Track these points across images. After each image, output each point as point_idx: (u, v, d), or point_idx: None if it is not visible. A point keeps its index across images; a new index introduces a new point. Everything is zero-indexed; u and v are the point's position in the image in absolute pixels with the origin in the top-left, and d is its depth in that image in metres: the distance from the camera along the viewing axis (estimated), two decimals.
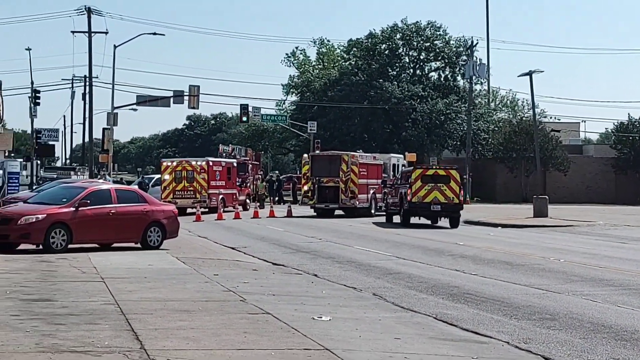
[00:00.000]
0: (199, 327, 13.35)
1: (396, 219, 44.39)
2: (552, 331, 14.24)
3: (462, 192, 42.42)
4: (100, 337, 12.22)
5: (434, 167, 46.13)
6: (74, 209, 25.57)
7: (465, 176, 67.16)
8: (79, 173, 78.04)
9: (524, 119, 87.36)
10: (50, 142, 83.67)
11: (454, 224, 41.79)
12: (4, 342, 11.74)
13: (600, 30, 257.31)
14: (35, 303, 15.41)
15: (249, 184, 63.59)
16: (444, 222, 42.59)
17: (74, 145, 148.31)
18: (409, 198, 41.74)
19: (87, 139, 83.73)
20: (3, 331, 12.61)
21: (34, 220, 24.96)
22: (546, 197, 52.47)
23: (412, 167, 45.74)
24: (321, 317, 14.65)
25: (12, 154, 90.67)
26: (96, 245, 26.69)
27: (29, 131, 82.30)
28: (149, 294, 16.82)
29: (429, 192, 41.42)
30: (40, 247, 25.22)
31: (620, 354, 12.54)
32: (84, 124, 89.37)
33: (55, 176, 73.04)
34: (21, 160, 67.69)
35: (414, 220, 43.15)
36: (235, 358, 11.14)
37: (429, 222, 43.42)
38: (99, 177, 65.71)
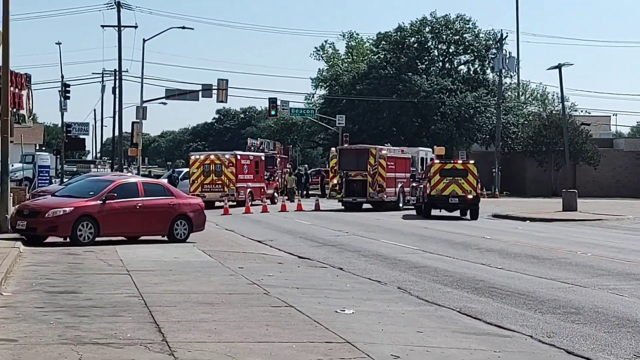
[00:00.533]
0: (222, 319, 13.37)
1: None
2: (577, 325, 14.15)
3: (479, 185, 43.85)
4: (122, 329, 12.27)
5: (452, 161, 47.17)
6: (101, 202, 25.69)
7: (493, 169, 66.95)
8: (99, 166, 78.44)
9: (553, 112, 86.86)
10: (81, 136, 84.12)
11: (474, 215, 43.22)
12: (27, 334, 11.82)
13: (631, 23, 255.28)
14: (60, 295, 15.50)
15: (277, 178, 63.67)
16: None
17: (104, 139, 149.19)
18: (428, 191, 43.71)
19: (116, 133, 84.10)
20: (27, 323, 12.70)
21: (61, 213, 25.10)
22: (575, 190, 52.19)
23: (432, 162, 47.15)
24: (344, 311, 14.64)
25: (44, 148, 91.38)
26: (123, 239, 26.81)
27: (60, 125, 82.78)
28: (173, 287, 16.88)
29: (447, 186, 43.20)
30: (68, 240, 25.36)
31: None
32: (113, 117, 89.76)
33: (75, 169, 73.59)
34: (50, 154, 68.08)
35: (439, 213, 44.10)
36: (257, 350, 11.15)
37: (455, 214, 44.40)
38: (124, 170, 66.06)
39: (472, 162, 46.06)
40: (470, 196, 43.07)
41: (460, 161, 47.59)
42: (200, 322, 13.04)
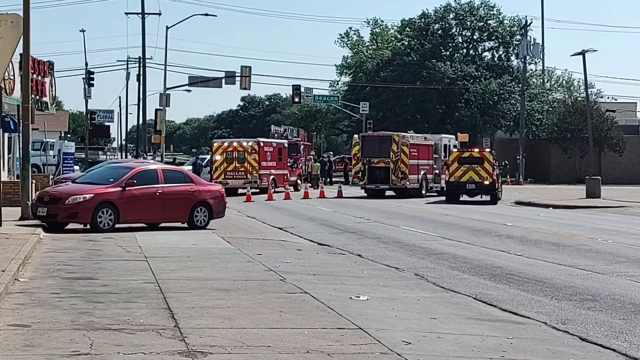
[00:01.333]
0: (236, 306, 13.40)
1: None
2: (592, 312, 14.09)
3: (495, 171, 45.88)
4: (136, 315, 12.32)
5: (469, 150, 49.41)
6: (120, 188, 25.79)
7: (517, 157, 66.71)
8: (107, 153, 78.79)
9: (578, 99, 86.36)
10: (106, 123, 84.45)
11: (493, 200, 45.70)
12: (40, 320, 11.90)
13: None
14: (77, 281, 15.58)
15: (300, 165, 63.69)
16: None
17: (129, 127, 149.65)
18: (447, 178, 47.19)
19: (141, 120, 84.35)
20: (41, 308, 12.78)
21: (81, 200, 25.21)
22: (599, 177, 51.89)
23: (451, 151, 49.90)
24: (359, 297, 14.64)
25: (69, 135, 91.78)
26: (143, 225, 26.90)
27: (85, 112, 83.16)
28: (189, 273, 16.93)
29: (464, 173, 45.74)
30: (88, 226, 25.49)
31: None
32: (138, 105, 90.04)
33: (84, 156, 73.97)
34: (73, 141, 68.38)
35: (463, 198, 45.41)
36: (268, 337, 11.16)
37: (476, 199, 46.57)
38: (141, 157, 66.23)
39: (488, 150, 48.97)
40: (486, 182, 45.38)
41: (477, 149, 49.52)
42: (214, 309, 13.07)
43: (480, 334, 12.10)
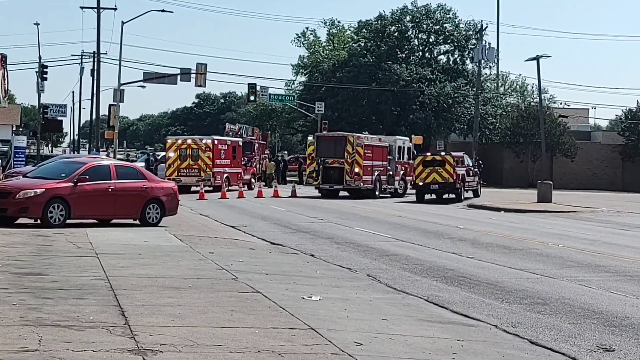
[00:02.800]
0: (187, 304, 13.31)
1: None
2: (542, 316, 14.18)
3: (456, 172, 50.18)
4: (85, 312, 12.19)
5: (432, 154, 53.42)
6: (72, 184, 25.56)
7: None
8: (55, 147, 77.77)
9: (532, 104, 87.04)
10: (59, 118, 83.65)
11: (458, 198, 50.44)
12: None
13: (611, 16, 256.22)
14: (26, 277, 15.39)
15: (254, 163, 63.57)
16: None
17: (82, 122, 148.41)
18: (413, 180, 51.42)
19: (94, 116, 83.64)
20: None
21: (32, 194, 24.95)
22: (550, 182, 52.36)
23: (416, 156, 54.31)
24: (311, 297, 14.61)
25: (21, 129, 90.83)
26: (95, 221, 26.68)
27: (37, 106, 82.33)
28: (140, 271, 16.80)
29: (428, 175, 50.05)
30: (39, 221, 25.23)
31: (608, 339, 12.48)
32: (91, 100, 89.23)
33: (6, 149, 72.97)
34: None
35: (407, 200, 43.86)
36: (219, 335, 11.09)
37: (445, 198, 51.19)
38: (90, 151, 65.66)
39: (450, 153, 53.26)
40: (449, 182, 49.87)
41: (439, 154, 53.17)
42: (165, 307, 12.97)
43: (432, 335, 12.13)
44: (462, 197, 50.80)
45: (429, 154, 53.39)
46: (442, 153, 53.54)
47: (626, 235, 30.42)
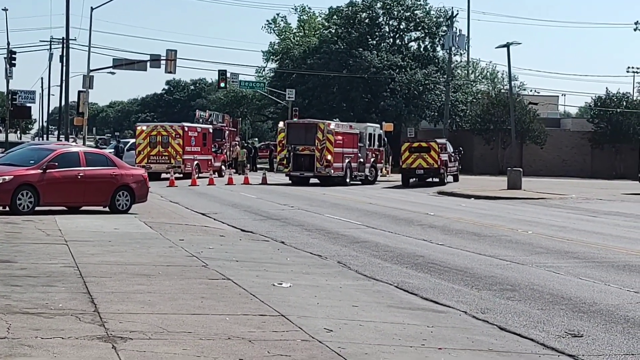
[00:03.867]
0: (157, 291, 13.29)
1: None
2: (511, 302, 14.25)
3: (440, 158, 53.44)
4: (55, 300, 12.14)
5: (418, 141, 57.90)
6: (41, 171, 25.41)
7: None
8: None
9: (502, 91, 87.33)
10: (27, 104, 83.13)
11: (442, 181, 53.97)
12: None
13: (581, 4, 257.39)
14: None
15: (225, 151, 63.45)
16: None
17: (51, 108, 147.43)
18: (400, 165, 54.58)
19: (63, 102, 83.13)
20: None
21: (0, 181, 24.77)
22: (520, 169, 52.60)
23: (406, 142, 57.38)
24: (281, 284, 14.62)
25: None
26: (64, 208, 26.54)
27: (5, 92, 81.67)
28: (110, 258, 16.74)
29: (414, 160, 53.28)
30: (7, 208, 25.06)
31: (576, 325, 12.56)
32: (60, 86, 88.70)
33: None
34: None
35: (388, 186, 43.92)
36: (189, 322, 11.08)
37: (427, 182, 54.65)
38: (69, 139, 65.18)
39: (436, 140, 56.47)
40: (434, 167, 53.34)
41: (424, 141, 57.39)
42: (135, 294, 12.93)
43: (401, 322, 12.17)
44: (445, 181, 54.30)
45: (416, 141, 57.44)
46: (430, 140, 56.59)
47: (595, 221, 30.62)
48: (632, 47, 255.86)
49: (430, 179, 54.58)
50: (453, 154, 58.86)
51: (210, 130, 57.61)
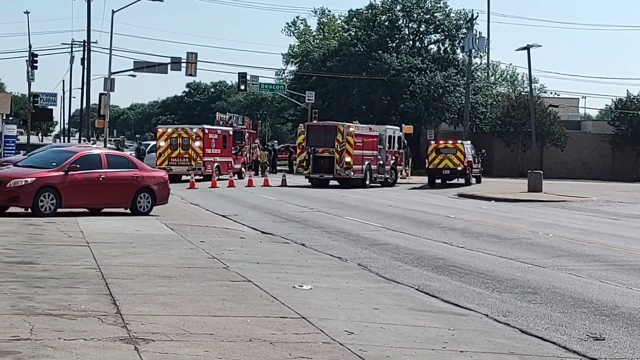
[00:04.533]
0: (178, 293, 13.33)
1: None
2: (533, 305, 14.22)
3: (466, 159, 55.03)
4: (77, 301, 12.20)
5: (445, 141, 57.94)
6: (63, 173, 25.53)
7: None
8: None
9: (522, 93, 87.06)
10: (49, 107, 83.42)
11: (467, 182, 55.74)
12: None
13: (602, 6, 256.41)
14: (17, 266, 15.39)
15: (245, 153, 63.54)
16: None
17: (72, 110, 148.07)
18: (426, 165, 56.28)
19: (84, 105, 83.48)
20: None
21: (22, 183, 24.92)
22: (541, 172, 52.41)
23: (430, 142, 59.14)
24: (302, 286, 14.64)
25: (11, 118, 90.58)
26: (85, 210, 26.66)
27: (27, 95, 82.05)
28: (132, 259, 16.80)
29: (441, 161, 55.04)
30: (29, 210, 25.19)
31: (598, 328, 12.53)
32: (82, 89, 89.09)
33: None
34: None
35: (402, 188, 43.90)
36: (211, 324, 11.12)
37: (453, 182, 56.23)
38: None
39: (460, 141, 57.70)
40: (459, 168, 54.90)
41: (450, 141, 57.81)
42: (157, 295, 12.98)
43: (423, 325, 12.17)
44: (470, 182, 55.97)
45: (442, 141, 57.94)
46: (457, 141, 57.73)
47: (616, 224, 30.52)
48: None
49: (456, 180, 56.21)
50: (476, 156, 60.17)
51: (231, 133, 57.71)
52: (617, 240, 24.37)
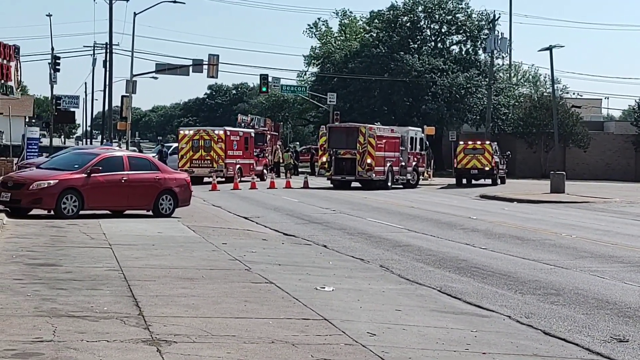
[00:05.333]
0: (201, 294, 13.35)
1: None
2: (556, 306, 14.16)
3: (494, 159, 57.25)
4: (99, 303, 12.24)
5: (473, 142, 59.68)
6: (85, 175, 25.62)
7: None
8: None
9: (544, 94, 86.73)
10: (71, 109, 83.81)
11: (494, 182, 57.92)
12: (3, 306, 11.78)
13: (625, 6, 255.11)
14: (40, 268, 15.46)
15: (267, 154, 63.58)
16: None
17: (95, 113, 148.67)
18: (455, 165, 59.08)
19: (107, 107, 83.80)
20: (4, 294, 12.66)
21: (45, 185, 25.04)
22: (563, 173, 52.21)
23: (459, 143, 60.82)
24: (324, 288, 14.63)
25: (34, 120, 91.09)
26: (108, 212, 26.75)
27: (50, 97, 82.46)
28: (154, 261, 16.84)
29: (469, 161, 57.19)
30: (52, 212, 25.30)
31: (622, 330, 12.46)
32: (104, 91, 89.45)
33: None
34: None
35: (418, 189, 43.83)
36: (233, 326, 11.13)
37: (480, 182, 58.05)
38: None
39: (488, 142, 59.51)
40: (487, 168, 57.06)
41: (479, 142, 59.70)
42: (179, 297, 13.01)
43: (445, 326, 12.13)
44: (497, 183, 57.96)
45: (470, 142, 59.65)
46: (485, 142, 59.60)
47: (639, 225, 30.33)
48: None
49: (483, 180, 58.13)
50: (501, 157, 61.70)
51: (252, 134, 57.77)
52: None
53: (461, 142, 60.26)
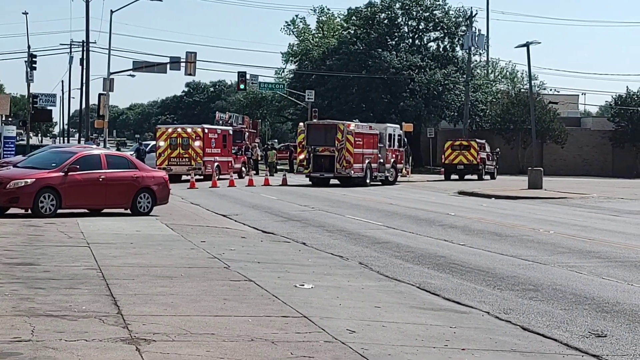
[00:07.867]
0: (179, 293, 13.31)
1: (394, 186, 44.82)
2: (534, 302, 14.21)
3: (479, 155, 61.16)
4: (78, 302, 12.18)
5: (460, 139, 64.73)
6: (63, 173, 25.52)
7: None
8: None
9: (522, 90, 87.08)
10: (48, 107, 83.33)
11: (480, 177, 61.52)
12: None
13: (601, 2, 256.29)
14: (18, 267, 15.37)
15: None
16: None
17: (72, 111, 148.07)
18: (443, 161, 63.32)
19: (84, 105, 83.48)
20: None
21: (22, 184, 24.91)
22: (541, 169, 52.40)
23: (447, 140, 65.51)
24: (303, 285, 14.62)
25: (10, 119, 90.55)
26: (86, 211, 26.65)
27: (26, 96, 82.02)
28: (132, 260, 16.79)
29: (456, 157, 61.37)
30: (29, 211, 25.19)
31: (600, 325, 12.51)
32: (81, 89, 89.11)
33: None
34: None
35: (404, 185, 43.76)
36: (212, 324, 11.10)
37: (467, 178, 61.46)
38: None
39: (475, 139, 64.44)
40: (473, 163, 60.90)
41: (466, 139, 64.54)
42: (157, 296, 12.97)
43: (424, 322, 12.16)
44: (483, 178, 60.81)
45: (458, 139, 64.38)
46: (470, 139, 64.33)
47: (617, 221, 30.49)
48: None
49: (469, 175, 61.33)
50: (490, 154, 64.91)
51: (230, 132, 57.71)
52: (618, 237, 24.34)
53: (449, 140, 64.28)
